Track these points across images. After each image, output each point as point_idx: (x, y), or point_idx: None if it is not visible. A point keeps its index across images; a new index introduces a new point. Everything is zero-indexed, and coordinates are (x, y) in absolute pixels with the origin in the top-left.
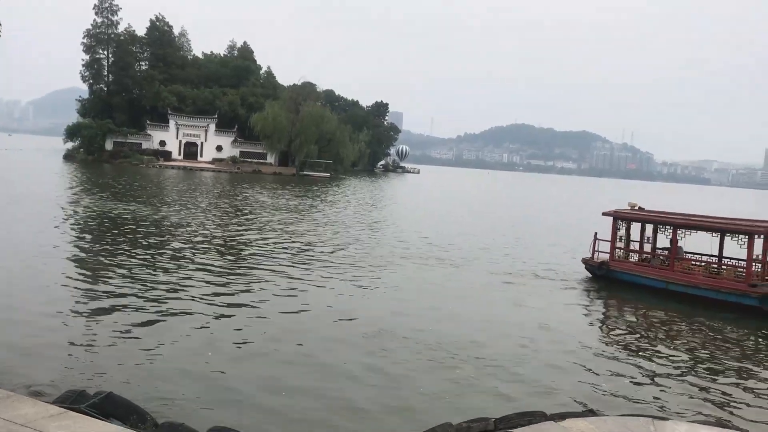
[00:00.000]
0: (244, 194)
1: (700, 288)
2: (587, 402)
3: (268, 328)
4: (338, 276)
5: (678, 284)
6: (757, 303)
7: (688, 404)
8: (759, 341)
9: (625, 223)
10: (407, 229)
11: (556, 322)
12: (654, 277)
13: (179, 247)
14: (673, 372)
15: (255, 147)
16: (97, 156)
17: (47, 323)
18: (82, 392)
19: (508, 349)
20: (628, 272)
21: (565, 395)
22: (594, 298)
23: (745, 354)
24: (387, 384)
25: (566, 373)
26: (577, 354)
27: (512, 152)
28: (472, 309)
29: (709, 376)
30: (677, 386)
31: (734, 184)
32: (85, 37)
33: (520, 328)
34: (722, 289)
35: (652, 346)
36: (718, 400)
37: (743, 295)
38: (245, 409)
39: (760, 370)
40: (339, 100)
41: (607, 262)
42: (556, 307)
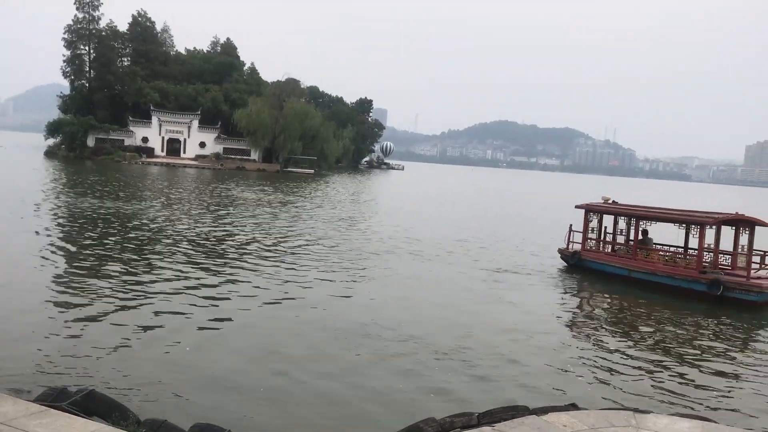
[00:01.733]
0: (227, 192)
1: (658, 275)
2: (566, 394)
3: (250, 325)
4: (319, 271)
5: (639, 272)
6: (705, 288)
7: (646, 391)
8: (711, 326)
9: (597, 216)
10: (386, 224)
11: (532, 314)
12: (618, 265)
13: (160, 244)
14: (636, 361)
15: (239, 143)
16: (79, 153)
17: (26, 320)
18: (64, 390)
19: (486, 342)
20: (597, 261)
21: (544, 388)
22: (566, 286)
23: (697, 338)
24: (364, 380)
25: (543, 366)
26: (551, 346)
27: (496, 149)
28: (447, 302)
29: (670, 363)
30: (640, 374)
31: (715, 180)
32: (66, 33)
33: (498, 321)
34: (676, 276)
35: (615, 335)
36: (676, 388)
37: (694, 281)
38: (227, 405)
39: (710, 356)
40: (323, 97)
41: (579, 252)
42: (532, 297)
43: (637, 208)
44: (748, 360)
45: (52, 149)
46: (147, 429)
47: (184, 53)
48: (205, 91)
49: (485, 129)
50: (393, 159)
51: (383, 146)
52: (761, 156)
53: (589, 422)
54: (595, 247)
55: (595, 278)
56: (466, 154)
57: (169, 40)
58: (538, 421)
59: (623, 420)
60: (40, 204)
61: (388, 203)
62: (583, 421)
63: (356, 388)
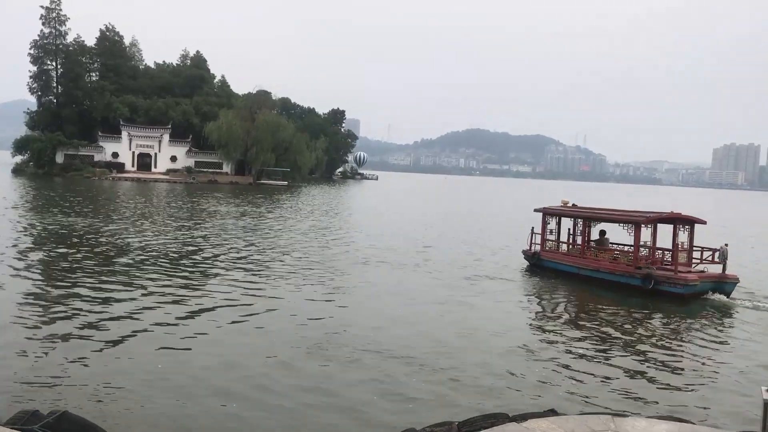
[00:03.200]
0: (198, 205)
1: (602, 271)
2: (541, 397)
3: (221, 340)
4: (289, 283)
5: (587, 269)
6: (639, 282)
7: (614, 390)
8: (655, 321)
9: (554, 218)
10: (359, 234)
11: (496, 317)
12: (570, 263)
13: (128, 260)
14: (599, 361)
15: (210, 156)
16: (48, 169)
17: None
18: (36, 412)
19: (458, 349)
20: (553, 260)
21: (518, 393)
22: (526, 286)
23: (639, 331)
24: (338, 393)
25: (515, 371)
26: (519, 349)
27: (469, 157)
28: (417, 309)
29: (631, 361)
30: (606, 375)
31: (684, 183)
32: (33, 48)
33: (466, 326)
34: (616, 272)
35: (574, 335)
36: (643, 386)
37: (631, 276)
38: (200, 423)
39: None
40: (295, 108)
41: (538, 252)
42: (496, 299)
43: (585, 210)
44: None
45: (20, 166)
46: None
47: (153, 67)
48: (175, 105)
49: (457, 137)
50: (367, 169)
51: (357, 156)
52: (727, 159)
53: (569, 427)
54: (552, 248)
55: (552, 277)
56: (439, 163)
57: (138, 54)
58: (518, 428)
59: (602, 424)
60: (3, 221)
61: (360, 213)
62: (563, 427)
63: (330, 401)
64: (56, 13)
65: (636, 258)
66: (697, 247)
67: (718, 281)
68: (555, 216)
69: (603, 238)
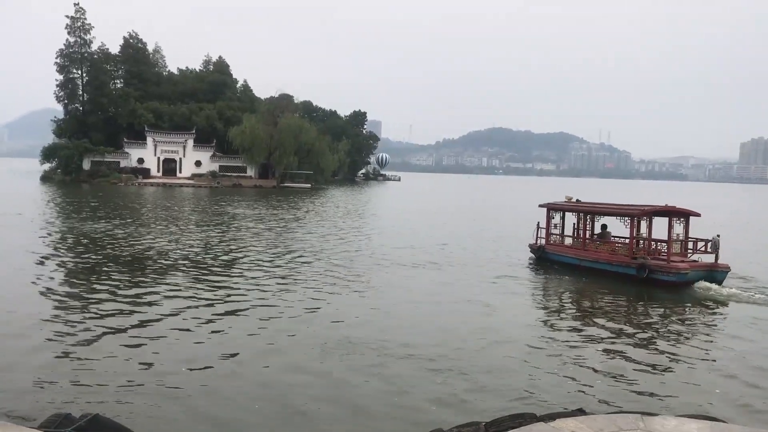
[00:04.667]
0: (223, 209)
1: (600, 262)
2: (564, 396)
3: (256, 342)
4: (312, 285)
5: (587, 260)
6: (634, 272)
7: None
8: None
9: (558, 213)
10: (381, 235)
11: (509, 313)
12: (572, 255)
13: (158, 264)
14: (616, 355)
15: (234, 161)
16: (75, 176)
17: (28, 345)
18: (68, 415)
19: (476, 348)
20: (557, 253)
21: (542, 392)
22: (531, 279)
23: (641, 320)
24: (364, 393)
25: (536, 369)
26: (539, 347)
27: (491, 156)
28: (436, 308)
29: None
30: (624, 370)
31: (711, 179)
32: (59, 57)
33: (480, 324)
34: (614, 263)
35: (584, 328)
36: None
37: (627, 266)
38: (230, 424)
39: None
40: (317, 111)
41: (543, 246)
42: (507, 295)
43: (586, 205)
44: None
45: (48, 174)
46: None
47: (176, 73)
48: (199, 110)
49: (480, 137)
50: (389, 170)
51: (379, 158)
52: (755, 153)
53: (597, 427)
54: (556, 241)
55: (555, 268)
56: (461, 163)
57: (161, 61)
58: (546, 428)
59: (631, 423)
60: (37, 227)
61: (383, 215)
62: (591, 426)
63: (357, 402)
64: (81, 22)
65: (632, 249)
66: (692, 238)
67: (710, 270)
68: (558, 211)
69: (605, 232)
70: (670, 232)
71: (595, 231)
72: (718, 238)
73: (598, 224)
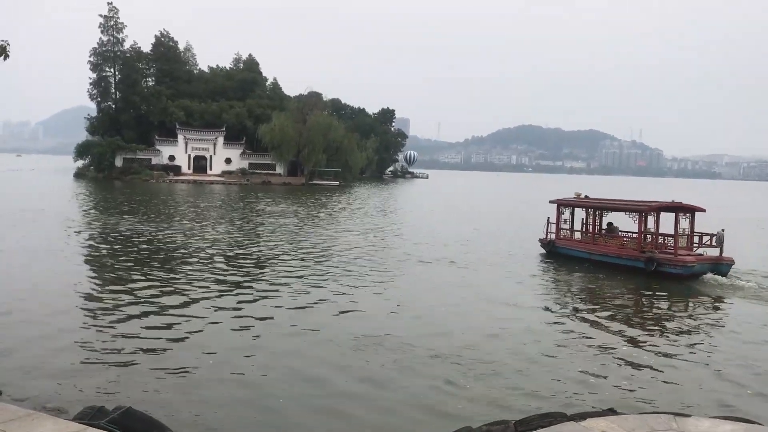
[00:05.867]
0: (254, 206)
1: (610, 256)
2: (585, 397)
3: (280, 335)
4: (339, 281)
5: (596, 254)
6: (642, 265)
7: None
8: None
9: (568, 209)
10: (409, 233)
11: (526, 309)
12: (582, 249)
13: (198, 261)
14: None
15: (263, 158)
16: (108, 173)
17: (64, 339)
18: (101, 408)
19: (496, 346)
20: (566, 247)
21: (568, 392)
22: (544, 272)
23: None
24: (392, 390)
25: (563, 369)
26: (562, 344)
27: (520, 153)
28: (456, 304)
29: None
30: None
31: (746, 177)
32: (92, 56)
33: (495, 321)
34: (623, 256)
35: (602, 323)
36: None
37: (636, 259)
38: (266, 423)
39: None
40: (345, 109)
41: (553, 240)
42: (520, 284)
43: (595, 201)
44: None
45: (81, 171)
46: None
47: (207, 71)
48: (229, 108)
49: (509, 134)
50: (417, 168)
51: (407, 155)
52: None
53: (628, 427)
54: (566, 236)
55: (565, 262)
56: (490, 160)
57: (192, 59)
58: (576, 427)
59: (664, 424)
60: (73, 224)
61: (410, 211)
62: (623, 426)
63: (387, 398)
64: (114, 21)
65: (640, 243)
66: (698, 232)
67: (715, 263)
68: (568, 207)
69: (612, 227)
70: (677, 227)
71: (603, 227)
72: (723, 232)
73: (606, 220)
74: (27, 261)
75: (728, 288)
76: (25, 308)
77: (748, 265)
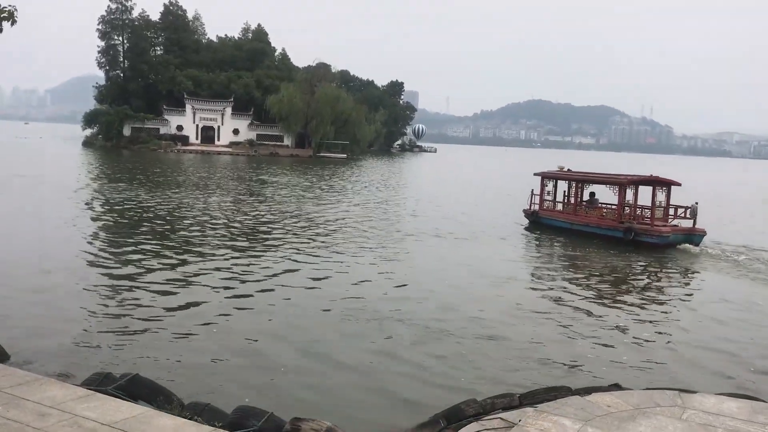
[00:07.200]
0: (262, 177)
1: (591, 226)
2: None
3: (291, 307)
4: (342, 253)
5: (578, 224)
6: (621, 234)
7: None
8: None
9: (551, 181)
10: (413, 206)
11: (513, 279)
12: (563, 219)
13: (205, 231)
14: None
15: (271, 129)
16: (116, 142)
17: (70, 307)
18: (109, 374)
19: (477, 316)
20: (549, 218)
21: (574, 367)
22: (526, 240)
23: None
24: (398, 362)
25: (563, 342)
26: (553, 318)
27: (529, 128)
28: (452, 278)
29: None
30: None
31: (756, 156)
32: (100, 24)
33: (490, 293)
34: (602, 226)
35: (583, 295)
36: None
37: (615, 229)
38: (270, 389)
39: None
40: (354, 81)
41: (537, 211)
42: (501, 250)
43: (577, 174)
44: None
45: (90, 139)
46: (190, 412)
47: (215, 41)
48: (237, 78)
49: (518, 109)
50: (425, 141)
51: (415, 129)
52: None
53: (634, 402)
54: (549, 207)
55: (549, 231)
56: (499, 135)
57: (200, 28)
58: (581, 401)
59: (669, 400)
60: (82, 192)
61: (415, 185)
62: (628, 401)
63: (392, 370)
64: None
65: (619, 214)
66: (673, 205)
67: (689, 234)
68: (552, 179)
69: (593, 199)
70: (654, 200)
71: (584, 198)
72: (696, 205)
73: (587, 192)
74: (25, 225)
75: (700, 256)
76: (32, 273)
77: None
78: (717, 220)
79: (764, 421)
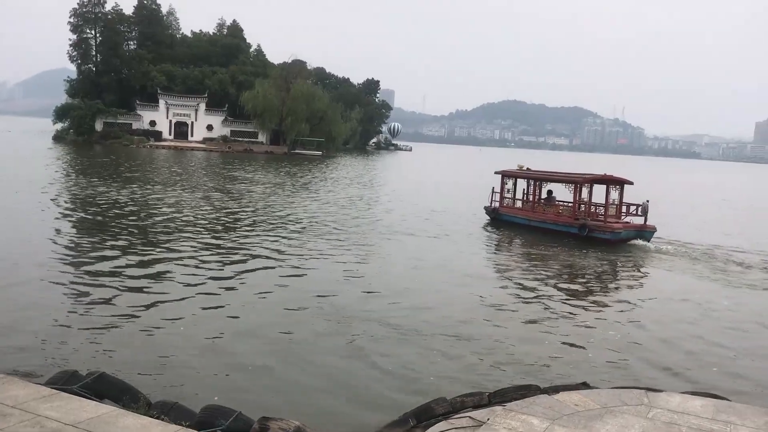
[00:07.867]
0: (234, 174)
1: (547, 223)
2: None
3: (260, 305)
4: (313, 251)
5: (535, 221)
6: (576, 231)
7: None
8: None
9: (511, 179)
10: (385, 204)
11: (478, 275)
12: (522, 216)
13: (175, 228)
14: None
15: (246, 126)
16: (87, 137)
17: (36, 303)
18: (75, 373)
19: (451, 313)
20: (508, 214)
21: (541, 365)
22: (488, 235)
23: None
24: (365, 362)
25: (528, 339)
26: (515, 313)
27: (504, 128)
28: (413, 276)
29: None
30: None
31: (725, 158)
32: (72, 17)
33: (456, 290)
34: (559, 223)
35: (542, 291)
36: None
37: (570, 226)
38: (236, 387)
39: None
40: (330, 78)
41: (497, 208)
42: (456, 244)
43: (536, 172)
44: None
45: (61, 134)
46: (158, 411)
47: (190, 36)
48: (211, 74)
49: (493, 109)
50: (401, 140)
51: (391, 127)
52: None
53: (601, 401)
54: (508, 204)
55: (507, 227)
56: (474, 135)
57: (175, 23)
58: (549, 400)
59: (635, 398)
60: (48, 188)
61: (388, 184)
62: (595, 400)
63: (361, 369)
64: None
65: (575, 211)
66: (626, 203)
67: (640, 230)
68: (511, 177)
69: (551, 197)
70: (607, 197)
71: (543, 196)
72: (647, 203)
73: (545, 190)
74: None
75: (650, 252)
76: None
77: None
78: (671, 218)
79: (727, 420)
